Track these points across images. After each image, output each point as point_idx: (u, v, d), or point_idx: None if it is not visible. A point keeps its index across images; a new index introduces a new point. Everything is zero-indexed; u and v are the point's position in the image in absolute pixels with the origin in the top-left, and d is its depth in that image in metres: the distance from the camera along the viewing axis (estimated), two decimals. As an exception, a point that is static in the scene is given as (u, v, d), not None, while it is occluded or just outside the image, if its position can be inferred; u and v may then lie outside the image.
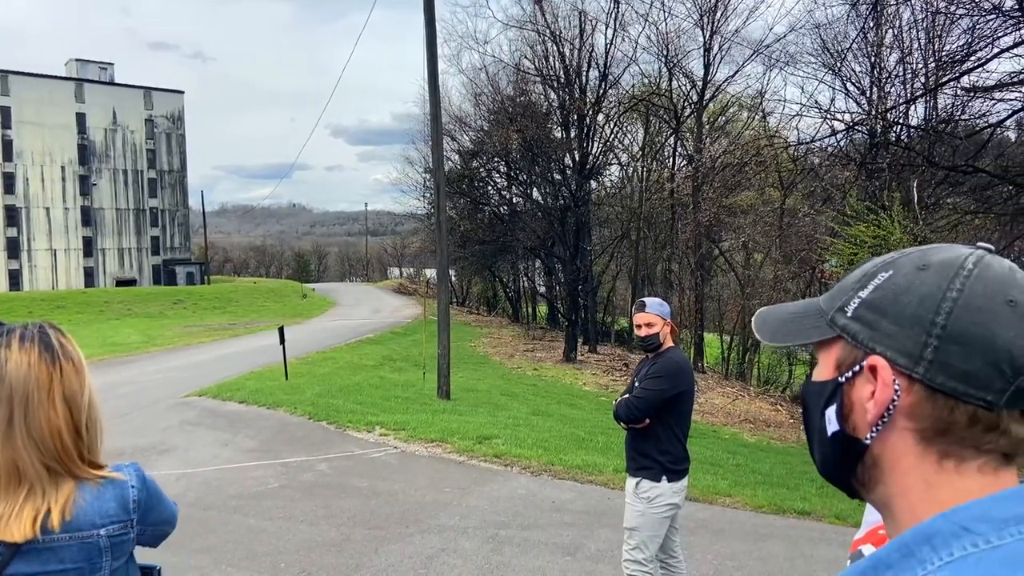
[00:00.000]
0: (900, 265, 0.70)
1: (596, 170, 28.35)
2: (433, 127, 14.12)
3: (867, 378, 0.69)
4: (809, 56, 22.38)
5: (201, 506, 6.70)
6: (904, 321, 0.67)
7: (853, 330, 0.71)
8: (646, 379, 3.75)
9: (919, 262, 0.69)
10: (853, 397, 0.71)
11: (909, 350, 0.66)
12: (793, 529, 6.35)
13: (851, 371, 0.71)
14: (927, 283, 0.67)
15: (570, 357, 24.47)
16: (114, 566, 1.49)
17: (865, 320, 0.70)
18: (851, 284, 0.74)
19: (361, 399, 12.54)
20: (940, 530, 0.63)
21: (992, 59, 11.23)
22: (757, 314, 0.85)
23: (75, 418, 1.48)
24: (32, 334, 1.47)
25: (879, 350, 0.68)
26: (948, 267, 0.67)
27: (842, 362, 0.72)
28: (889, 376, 0.67)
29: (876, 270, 0.72)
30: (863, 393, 0.69)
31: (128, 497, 1.53)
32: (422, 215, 39.73)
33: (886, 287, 0.69)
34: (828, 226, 15.52)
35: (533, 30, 27.01)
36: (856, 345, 0.71)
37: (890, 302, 0.68)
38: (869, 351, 0.69)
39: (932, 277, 0.67)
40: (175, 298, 48.13)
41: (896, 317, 0.67)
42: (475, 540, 5.74)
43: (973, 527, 0.62)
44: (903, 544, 0.64)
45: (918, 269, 0.68)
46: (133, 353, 22.43)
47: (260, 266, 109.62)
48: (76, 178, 65.02)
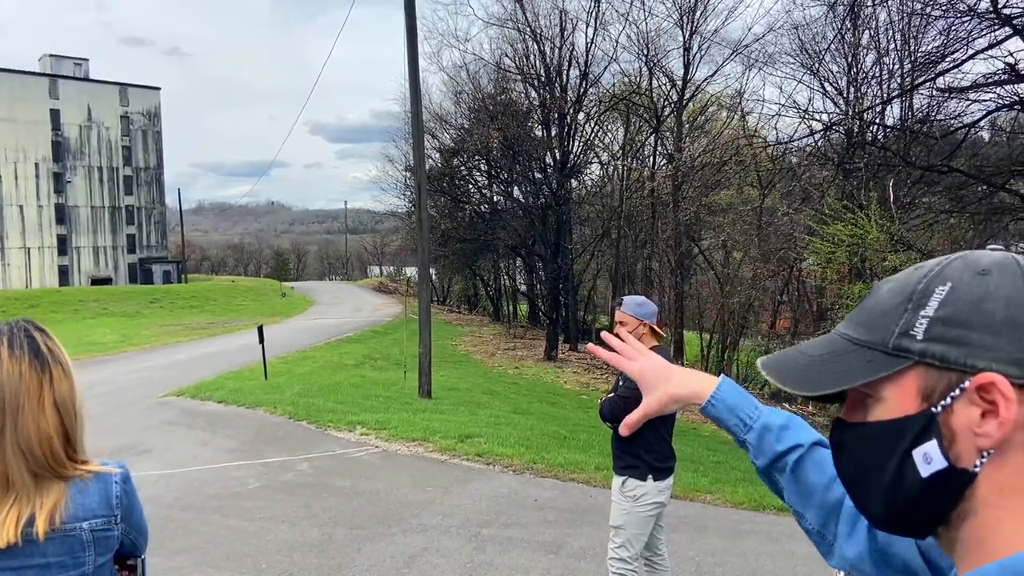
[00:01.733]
0: (953, 276, 0.65)
1: (577, 169, 28.40)
2: (414, 125, 14.07)
3: (970, 399, 0.62)
4: (787, 56, 22.62)
5: (180, 507, 6.63)
6: (999, 328, 0.61)
7: (938, 352, 0.63)
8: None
9: (976, 267, 0.65)
10: (955, 426, 0.63)
11: (1016, 357, 0.60)
12: (773, 525, 6.41)
13: (948, 397, 0.63)
14: (1003, 285, 0.63)
15: (551, 355, 24.50)
16: (98, 561, 1.49)
17: (948, 338, 0.63)
18: (894, 307, 0.68)
19: (342, 398, 12.47)
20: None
21: (967, 60, 11.39)
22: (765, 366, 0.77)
23: (65, 423, 1.48)
24: (21, 340, 1.46)
25: (982, 365, 0.61)
26: (1007, 267, 0.64)
27: (931, 390, 0.64)
28: (1011, 390, 0.60)
29: (925, 285, 0.66)
30: (968, 417, 0.62)
31: (112, 493, 1.53)
32: (402, 213, 39.65)
33: (957, 300, 0.64)
34: (806, 225, 15.69)
35: (514, 28, 27.01)
36: (946, 367, 0.63)
37: (972, 312, 0.63)
38: (969, 369, 0.62)
39: (1002, 279, 0.63)
40: (152, 297, 47.60)
41: (987, 327, 0.62)
42: (458, 539, 5.73)
43: None
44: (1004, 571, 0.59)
45: (980, 274, 0.64)
46: (109, 353, 22.16)
47: (238, 264, 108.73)
48: (50, 175, 64.02)
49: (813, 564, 5.31)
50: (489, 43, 56.20)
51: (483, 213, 31.37)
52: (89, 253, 66.77)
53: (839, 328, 0.74)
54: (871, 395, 0.69)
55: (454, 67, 38.39)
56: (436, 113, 31.65)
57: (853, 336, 0.71)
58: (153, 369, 17.35)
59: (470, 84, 29.90)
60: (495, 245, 29.77)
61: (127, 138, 68.49)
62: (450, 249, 31.26)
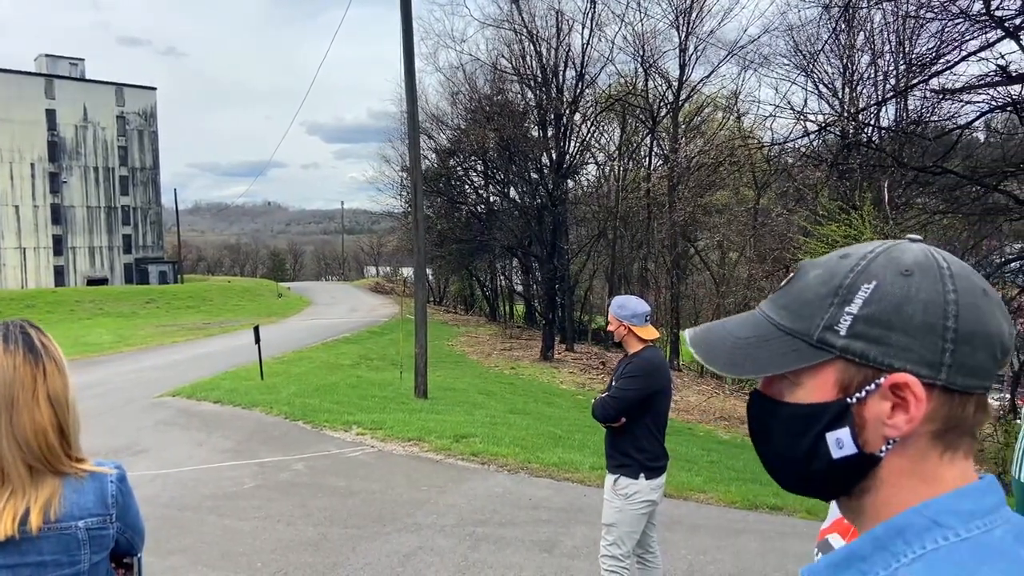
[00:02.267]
0: (879, 273, 0.69)
1: (573, 169, 28.46)
2: (410, 125, 14.10)
3: (883, 395, 0.67)
4: (782, 58, 22.70)
5: (176, 506, 6.65)
6: (915, 331, 0.66)
7: (858, 349, 0.68)
8: (621, 379, 3.81)
9: (899, 267, 0.68)
10: (867, 415, 0.68)
11: (928, 360, 0.65)
12: (765, 524, 6.45)
13: (864, 391, 0.68)
14: (924, 289, 0.66)
15: (547, 356, 24.54)
16: (94, 559, 1.50)
17: (870, 337, 0.67)
18: (820, 297, 0.71)
19: (338, 398, 12.49)
20: (912, 524, 0.66)
21: (960, 62, 11.46)
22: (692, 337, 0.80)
23: (59, 417, 1.50)
24: (15, 335, 1.49)
25: (898, 365, 0.66)
26: (929, 268, 0.67)
27: (848, 382, 0.69)
28: (922, 391, 0.65)
29: (852, 281, 0.69)
30: (879, 410, 0.68)
31: (107, 492, 1.54)
32: (399, 214, 39.62)
33: (880, 299, 0.67)
34: (801, 225, 15.74)
35: (510, 29, 27.08)
36: (866, 364, 0.68)
37: (892, 313, 0.66)
38: (885, 368, 0.67)
39: (923, 282, 0.67)
40: (148, 297, 47.54)
41: (905, 329, 0.66)
42: (452, 538, 5.76)
43: (943, 520, 0.65)
44: (876, 538, 0.67)
45: (903, 275, 0.67)
46: (105, 353, 22.14)
47: (235, 265, 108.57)
48: (46, 175, 63.87)
49: (804, 562, 5.32)
50: (485, 44, 56.34)
51: (479, 213, 31.41)
52: (85, 253, 66.63)
53: (763, 307, 0.77)
54: (790, 379, 0.72)
55: (450, 68, 38.49)
56: (432, 114, 31.73)
57: (778, 321, 0.74)
58: (149, 369, 17.35)
59: (466, 85, 29.99)
60: (491, 245, 29.83)
61: (123, 138, 68.36)
62: (446, 249, 31.29)
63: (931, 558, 0.63)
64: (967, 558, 0.62)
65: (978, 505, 0.66)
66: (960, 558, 0.62)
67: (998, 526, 0.65)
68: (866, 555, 0.66)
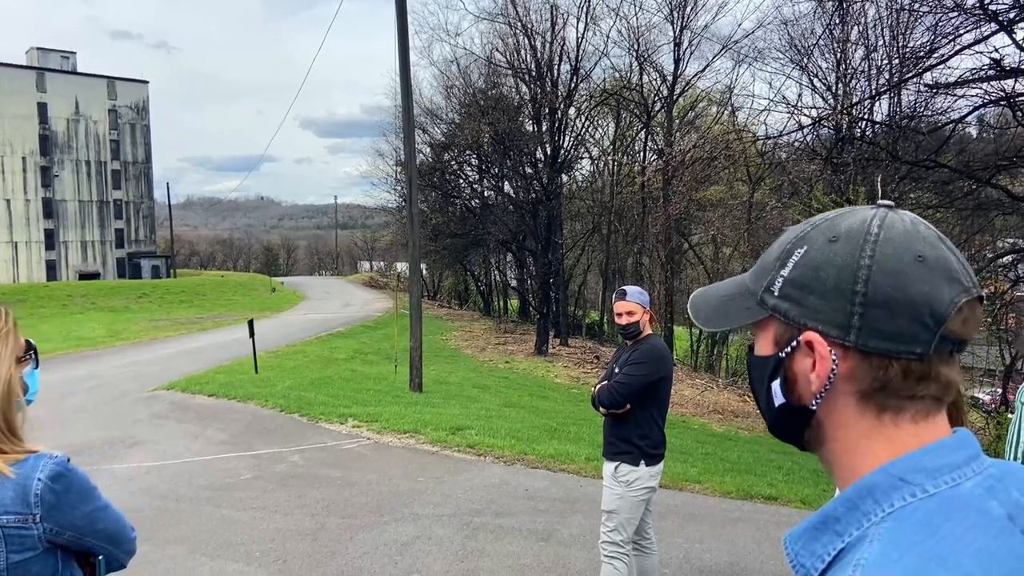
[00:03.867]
0: (812, 239, 0.73)
1: (567, 164, 28.44)
2: (405, 119, 14.07)
3: (805, 352, 0.72)
4: (777, 52, 22.75)
5: (173, 498, 6.65)
6: (828, 294, 0.70)
7: (783, 309, 0.74)
8: (628, 365, 3.82)
9: (829, 234, 0.72)
10: (795, 370, 0.74)
11: (838, 321, 0.70)
12: (760, 514, 6.48)
13: (789, 347, 0.74)
14: (840, 254, 0.70)
15: (542, 350, 24.56)
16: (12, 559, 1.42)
17: (792, 298, 0.73)
18: (771, 261, 0.77)
19: (333, 392, 12.49)
20: (880, 483, 0.68)
21: (954, 56, 11.50)
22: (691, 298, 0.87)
23: None
24: None
25: (811, 325, 0.71)
26: (856, 235, 0.71)
27: (779, 339, 0.75)
28: (825, 349, 0.70)
29: (792, 247, 0.75)
30: (804, 366, 0.73)
31: (30, 489, 1.44)
32: (393, 208, 39.57)
33: (804, 263, 0.73)
34: (795, 219, 15.77)
35: (505, 23, 27.02)
36: (788, 323, 0.74)
37: (811, 278, 0.72)
38: (802, 327, 0.72)
39: (844, 247, 0.70)
40: (140, 292, 47.30)
41: (820, 292, 0.71)
42: (450, 527, 5.78)
43: (909, 478, 0.67)
44: (847, 499, 0.70)
45: (829, 241, 0.72)
46: (98, 347, 22.05)
47: (227, 259, 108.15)
48: (37, 169, 63.48)
49: (800, 551, 5.38)
50: (480, 37, 56.33)
51: (474, 208, 31.36)
52: (77, 248, 66.30)
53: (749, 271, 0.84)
54: (755, 335, 0.80)
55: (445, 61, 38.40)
56: (427, 108, 31.64)
57: (747, 282, 0.81)
58: (142, 363, 17.29)
59: (461, 79, 29.91)
60: (486, 240, 29.79)
61: (115, 132, 67.97)
62: (441, 244, 31.23)
63: (899, 514, 0.65)
64: (933, 513, 0.64)
65: (946, 460, 0.68)
66: (926, 514, 0.64)
67: (968, 479, 0.67)
68: (839, 516, 0.69)
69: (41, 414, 11.00)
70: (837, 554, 0.68)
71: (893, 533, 0.64)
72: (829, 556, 0.68)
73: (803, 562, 0.70)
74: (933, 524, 0.63)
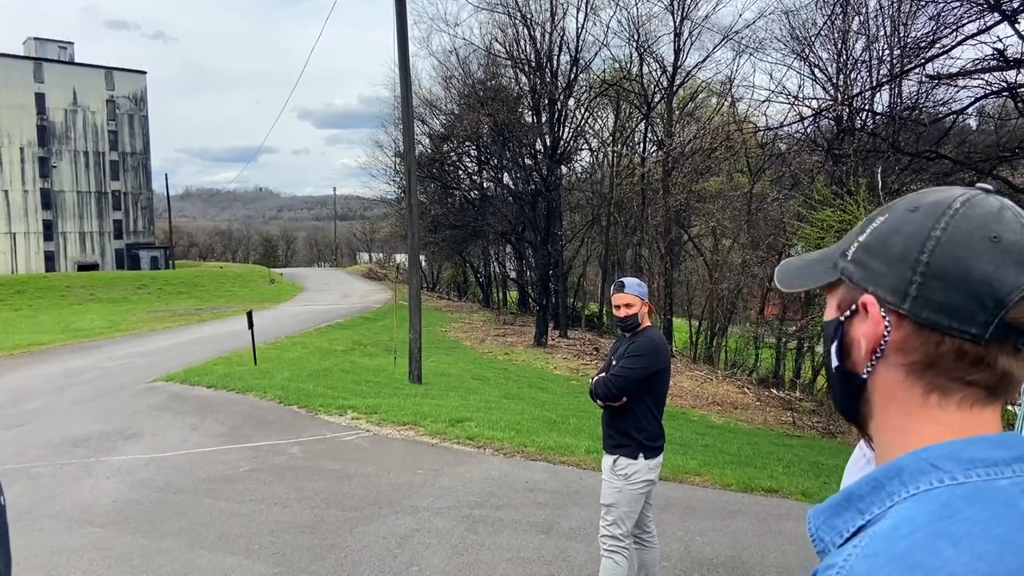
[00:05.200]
0: (894, 208, 0.74)
1: (567, 155, 28.36)
2: (404, 110, 14.00)
3: (862, 316, 0.72)
4: (778, 42, 22.67)
5: (172, 490, 6.63)
6: (892, 260, 0.70)
7: (850, 272, 0.75)
8: (625, 357, 3.78)
9: (911, 204, 0.72)
10: (852, 335, 0.74)
11: (896, 287, 0.69)
12: (761, 506, 6.47)
13: (849, 310, 0.75)
14: (914, 223, 0.70)
15: (541, 342, 24.56)
16: None
17: (860, 262, 0.73)
18: (856, 230, 0.77)
19: (332, 383, 12.46)
20: (909, 465, 0.67)
21: (956, 46, 11.43)
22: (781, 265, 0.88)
23: None
24: None
25: (870, 289, 0.72)
26: (936, 207, 0.70)
27: (842, 302, 0.76)
28: (877, 312, 0.70)
29: (876, 214, 0.75)
30: (860, 331, 0.73)
31: None
32: (392, 199, 39.54)
33: (879, 230, 0.73)
34: (795, 211, 15.75)
35: (504, 13, 26.87)
36: (852, 286, 0.74)
37: (881, 243, 0.72)
38: (863, 290, 0.73)
39: (920, 218, 0.70)
40: (139, 283, 47.26)
41: (885, 257, 0.71)
42: (449, 520, 5.76)
43: (941, 465, 0.66)
44: (874, 478, 0.69)
45: (909, 211, 0.71)
46: (96, 339, 22.02)
47: (226, 251, 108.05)
48: (35, 160, 63.29)
49: (800, 543, 5.37)
50: (479, 28, 56.01)
51: (473, 199, 31.30)
52: (75, 239, 66.18)
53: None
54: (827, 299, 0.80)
55: (444, 52, 38.25)
56: (426, 98, 31.52)
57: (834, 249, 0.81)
58: (141, 355, 17.27)
59: (460, 69, 29.79)
60: (485, 231, 29.73)
61: (113, 123, 67.75)
62: (440, 235, 31.19)
63: (922, 497, 0.64)
64: (957, 499, 0.63)
65: (984, 455, 0.66)
66: (949, 498, 0.63)
67: (1006, 478, 0.64)
68: (864, 494, 0.69)
69: (40, 406, 10.99)
70: (857, 531, 0.67)
71: (910, 511, 0.63)
72: (848, 532, 0.68)
73: (823, 536, 0.70)
74: (954, 508, 0.62)
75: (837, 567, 0.63)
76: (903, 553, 0.59)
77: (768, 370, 24.21)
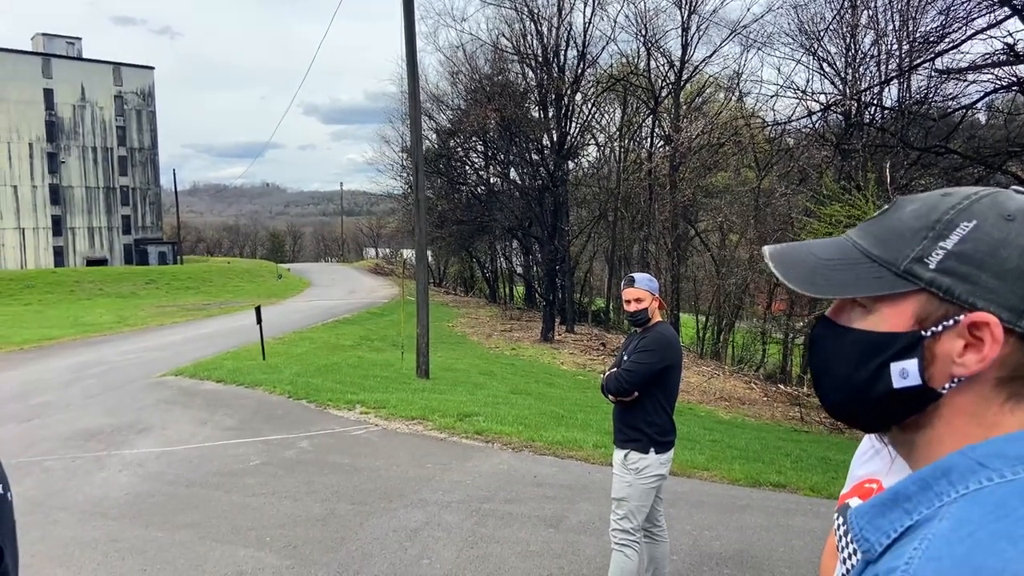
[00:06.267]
0: (980, 214, 0.69)
1: (574, 150, 28.34)
2: (411, 105, 14.01)
3: (960, 333, 0.68)
4: (786, 37, 22.67)
5: (183, 483, 6.68)
6: (1007, 275, 0.66)
7: (945, 284, 0.68)
8: (636, 352, 3.80)
9: (1002, 211, 0.68)
10: (937, 351, 0.69)
11: (1013, 304, 0.66)
12: (769, 501, 6.48)
13: (940, 325, 0.69)
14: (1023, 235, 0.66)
15: (548, 337, 24.57)
16: None
17: (959, 273, 0.68)
18: (915, 230, 0.71)
19: (340, 378, 12.52)
20: (957, 465, 0.66)
21: (966, 41, 11.40)
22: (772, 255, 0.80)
23: None
24: None
25: (981, 305, 0.66)
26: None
27: (927, 316, 0.70)
28: (1001, 332, 0.66)
29: (952, 217, 0.70)
30: (952, 347, 0.68)
31: None
32: (399, 195, 39.56)
33: (977, 239, 0.68)
34: (803, 206, 15.71)
35: (511, 8, 26.81)
36: (948, 299, 0.68)
37: (987, 255, 0.67)
38: (968, 306, 0.67)
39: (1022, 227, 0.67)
40: (147, 278, 47.45)
41: (997, 271, 0.66)
42: (459, 514, 5.79)
43: (988, 463, 0.65)
44: (920, 478, 0.68)
45: (1005, 219, 0.67)
46: (105, 333, 22.14)
47: (234, 246, 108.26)
48: (44, 155, 63.54)
49: (808, 538, 5.38)
50: (486, 23, 55.99)
51: (480, 195, 31.30)
52: (84, 234, 66.47)
53: (851, 234, 0.78)
54: (866, 306, 0.73)
55: (451, 47, 38.18)
56: (433, 94, 31.54)
57: (866, 248, 0.74)
58: (149, 349, 17.36)
59: (467, 64, 29.75)
60: (492, 227, 29.76)
61: (121, 118, 67.94)
62: (447, 231, 31.20)
63: (974, 497, 0.64)
64: (1009, 497, 0.62)
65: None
66: (1002, 497, 0.62)
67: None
68: (911, 495, 0.68)
69: (50, 400, 11.07)
70: (904, 531, 0.66)
71: (965, 512, 0.63)
72: (895, 532, 0.67)
73: (867, 536, 0.69)
74: (1009, 507, 0.61)
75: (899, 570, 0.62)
76: (966, 555, 0.59)
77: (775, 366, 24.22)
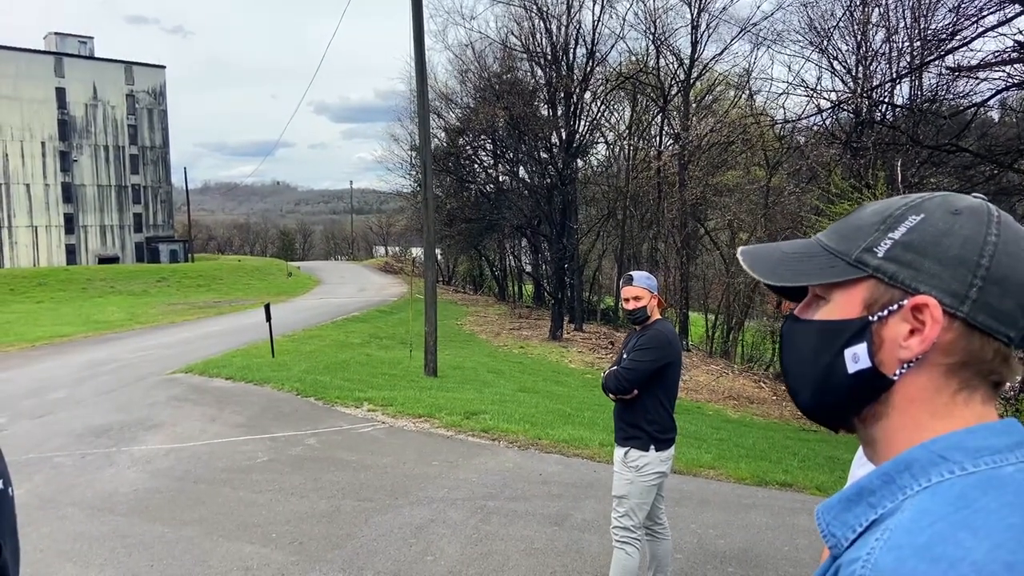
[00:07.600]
0: (929, 209, 0.72)
1: (583, 148, 28.29)
2: (420, 104, 14.04)
3: (904, 317, 0.71)
4: (796, 34, 22.58)
5: (191, 479, 6.73)
6: (948, 262, 0.69)
7: (890, 270, 0.72)
8: (634, 351, 3.81)
9: (949, 207, 0.72)
10: (884, 335, 0.72)
11: (955, 290, 0.69)
12: (775, 500, 6.47)
13: (886, 310, 0.72)
14: (966, 226, 0.70)
15: (556, 335, 24.57)
16: None
17: (903, 260, 0.71)
18: (869, 225, 0.75)
19: (348, 376, 12.57)
20: (918, 458, 0.68)
21: (976, 38, 11.30)
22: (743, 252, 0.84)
23: None
24: None
25: (923, 289, 0.70)
26: (979, 212, 0.71)
27: (874, 301, 0.73)
28: (940, 314, 0.68)
29: (902, 212, 0.73)
30: (898, 331, 0.71)
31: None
32: (408, 193, 39.57)
33: (923, 229, 0.71)
34: (813, 204, 15.63)
35: (520, 6, 26.82)
36: (894, 285, 0.71)
37: (930, 243, 0.70)
38: (911, 291, 0.70)
39: (969, 221, 0.70)
40: (159, 276, 47.70)
41: (939, 258, 0.69)
42: (464, 511, 5.81)
43: (949, 456, 0.67)
44: (884, 472, 0.70)
45: (951, 213, 0.71)
46: (117, 331, 22.29)
47: (244, 244, 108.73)
48: (56, 154, 64.01)
49: (813, 537, 5.37)
50: (495, 21, 56.02)
51: (488, 193, 31.30)
52: (96, 232, 66.93)
53: (820, 235, 0.82)
54: (823, 297, 0.77)
55: (460, 45, 38.18)
56: (442, 92, 31.54)
57: (826, 243, 0.78)
58: (160, 347, 17.47)
59: (476, 63, 29.77)
60: (500, 225, 29.75)
61: (133, 117, 68.36)
62: (455, 229, 31.23)
63: (935, 489, 0.65)
64: (970, 488, 0.64)
65: (988, 443, 0.67)
66: (962, 489, 0.64)
67: (1011, 464, 0.66)
68: (875, 489, 0.69)
69: (62, 396, 11.17)
70: (869, 525, 0.68)
71: (926, 503, 0.64)
72: (860, 527, 0.69)
73: (834, 532, 0.71)
74: (969, 498, 0.63)
75: (861, 560, 0.64)
76: (926, 545, 0.60)
77: (785, 364, 24.01)
